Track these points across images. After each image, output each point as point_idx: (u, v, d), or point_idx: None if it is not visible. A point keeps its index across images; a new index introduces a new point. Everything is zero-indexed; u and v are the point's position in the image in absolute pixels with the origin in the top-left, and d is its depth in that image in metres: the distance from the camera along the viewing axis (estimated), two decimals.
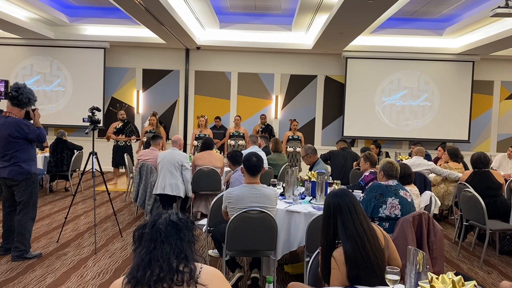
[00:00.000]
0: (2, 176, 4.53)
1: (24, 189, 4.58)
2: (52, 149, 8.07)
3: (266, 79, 11.32)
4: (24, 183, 4.57)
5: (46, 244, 5.23)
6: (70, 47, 10.83)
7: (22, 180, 4.55)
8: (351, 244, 2.36)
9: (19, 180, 4.53)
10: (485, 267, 4.94)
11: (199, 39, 10.46)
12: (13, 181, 4.54)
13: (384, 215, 3.82)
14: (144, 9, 7.52)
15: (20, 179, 4.53)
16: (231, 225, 3.66)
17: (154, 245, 1.74)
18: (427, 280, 1.72)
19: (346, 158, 7.38)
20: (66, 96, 10.94)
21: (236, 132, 9.77)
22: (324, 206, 2.61)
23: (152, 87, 11.40)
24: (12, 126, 4.45)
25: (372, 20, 7.80)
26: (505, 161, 8.54)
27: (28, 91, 4.56)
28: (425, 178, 6.48)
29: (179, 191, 6.09)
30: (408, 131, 11.11)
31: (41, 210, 6.93)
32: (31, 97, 4.59)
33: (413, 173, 4.79)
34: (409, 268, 1.91)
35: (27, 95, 4.54)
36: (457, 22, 9.60)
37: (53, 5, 9.32)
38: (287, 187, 4.58)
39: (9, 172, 4.49)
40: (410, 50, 10.59)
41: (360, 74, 11.05)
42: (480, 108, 11.29)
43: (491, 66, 11.17)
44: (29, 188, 4.60)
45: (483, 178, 5.50)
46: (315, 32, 9.64)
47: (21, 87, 4.49)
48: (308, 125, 11.36)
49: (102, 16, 9.97)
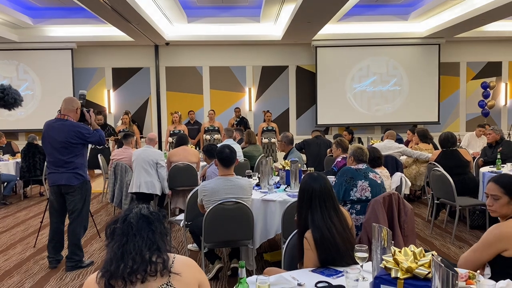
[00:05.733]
0: (59, 183, 4.31)
1: (80, 197, 4.38)
2: (23, 154, 7.91)
3: (238, 72, 11.34)
4: (80, 190, 4.37)
5: (23, 249, 5.16)
6: (36, 50, 10.62)
7: (78, 187, 4.35)
8: (318, 233, 2.43)
9: (76, 187, 4.33)
10: (456, 242, 5.12)
11: (167, 34, 10.39)
12: (69, 188, 4.32)
13: (355, 197, 3.92)
14: (109, 6, 7.43)
15: (77, 186, 4.34)
16: (207, 217, 3.70)
17: (126, 238, 1.77)
18: (391, 254, 1.81)
19: (320, 146, 7.49)
20: (35, 99, 10.74)
21: (211, 126, 9.77)
22: (299, 187, 2.68)
23: (122, 86, 11.29)
24: (71, 131, 4.24)
25: (338, 7, 7.90)
26: (474, 140, 8.82)
27: (13, 91, 4.28)
28: (396, 161, 6.64)
29: (155, 189, 6.08)
30: (380, 116, 11.32)
31: (16, 216, 6.82)
32: (17, 97, 4.30)
33: (383, 156, 4.91)
34: (375, 244, 1.99)
35: (12, 95, 4.29)
36: (421, 7, 9.80)
37: (15, 7, 9.11)
38: (262, 177, 4.63)
39: (66, 178, 4.28)
40: (378, 36, 10.76)
41: (330, 63, 11.18)
42: (448, 89, 11.58)
43: (457, 48, 11.46)
44: (83, 195, 4.41)
45: (451, 157, 5.68)
46: (284, 22, 9.70)
47: (6, 88, 4.18)
48: (283, 115, 11.45)
49: (67, 16, 9.79)
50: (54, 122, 4.36)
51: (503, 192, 2.44)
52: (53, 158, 4.33)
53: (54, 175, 4.35)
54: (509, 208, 2.43)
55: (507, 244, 2.29)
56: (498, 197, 2.45)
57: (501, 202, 2.44)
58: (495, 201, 2.46)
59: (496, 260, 2.33)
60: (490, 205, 2.49)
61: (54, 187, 4.38)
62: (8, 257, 4.90)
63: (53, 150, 4.30)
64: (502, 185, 2.46)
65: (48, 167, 4.43)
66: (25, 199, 8.12)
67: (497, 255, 2.32)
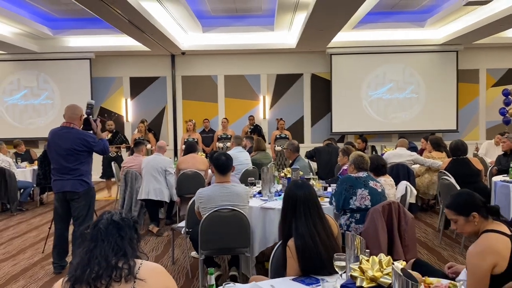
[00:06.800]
0: (65, 189, 4.37)
1: (84, 203, 4.43)
2: (40, 161, 8.09)
3: (253, 80, 11.38)
4: (84, 196, 4.43)
5: (31, 255, 5.28)
6: (56, 60, 10.90)
7: (83, 194, 4.42)
8: (301, 241, 2.41)
9: (80, 193, 4.40)
10: (465, 253, 4.95)
11: (183, 44, 10.52)
12: (74, 195, 4.38)
13: (355, 206, 3.86)
14: (124, 18, 7.59)
15: (82, 192, 4.40)
16: (203, 224, 3.70)
17: (95, 244, 1.80)
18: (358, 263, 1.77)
19: (331, 154, 7.41)
20: (54, 108, 11.00)
21: (224, 134, 9.82)
22: (284, 194, 2.67)
23: (140, 95, 11.47)
24: (77, 138, 4.32)
25: (349, 15, 7.85)
26: (492, 148, 8.58)
27: None
28: (408, 169, 6.52)
29: (163, 195, 6.15)
30: (397, 123, 11.16)
31: (30, 222, 6.99)
32: None
33: (391, 164, 4.83)
34: (348, 252, 1.96)
35: None
36: (437, 13, 9.65)
37: (36, 18, 9.39)
38: (263, 184, 4.62)
39: (72, 185, 4.35)
40: (393, 43, 10.65)
41: (345, 70, 11.11)
42: (467, 97, 11.33)
43: (476, 54, 11.21)
44: (88, 202, 4.47)
45: (461, 166, 5.54)
46: (297, 30, 9.70)
47: None
48: (297, 123, 11.41)
49: (85, 27, 10.03)
50: (60, 130, 4.44)
51: (454, 213, 2.42)
52: (58, 165, 4.39)
53: (59, 182, 4.42)
54: (472, 225, 2.37)
55: (493, 257, 2.21)
56: (455, 220, 2.43)
57: (460, 223, 2.41)
58: (456, 224, 2.45)
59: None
60: (455, 228, 2.48)
61: (59, 193, 4.45)
62: (16, 262, 5.02)
63: (58, 157, 4.37)
64: (451, 208, 2.45)
65: (53, 174, 4.47)
66: (41, 205, 8.31)
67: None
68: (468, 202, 2.41)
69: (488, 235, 2.31)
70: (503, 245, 2.24)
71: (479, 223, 2.36)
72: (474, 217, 2.36)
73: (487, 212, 2.39)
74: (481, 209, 2.37)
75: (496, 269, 2.22)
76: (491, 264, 2.22)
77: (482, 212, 2.37)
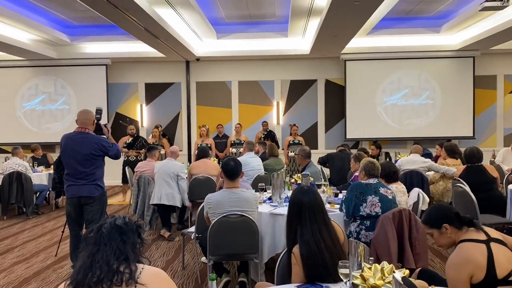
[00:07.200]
0: (81, 194, 4.39)
1: (98, 207, 4.47)
2: (56, 166, 8.19)
3: (267, 86, 11.39)
4: (99, 201, 4.47)
5: (44, 258, 5.34)
6: (73, 66, 11.08)
7: (98, 198, 4.45)
8: (306, 248, 2.39)
9: (96, 198, 4.43)
10: None
11: (197, 50, 10.60)
12: (90, 199, 4.41)
13: (365, 213, 3.82)
14: (140, 25, 7.68)
15: (97, 197, 4.44)
16: (212, 230, 3.71)
17: (97, 248, 1.81)
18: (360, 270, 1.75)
19: (344, 160, 7.36)
20: (71, 113, 11.17)
21: (237, 139, 9.84)
22: (289, 200, 2.65)
23: (155, 100, 11.58)
24: (94, 143, 4.37)
25: (363, 21, 7.82)
26: (509, 155, 8.40)
27: None
28: (422, 176, 6.44)
29: (175, 200, 6.18)
30: (412, 130, 11.04)
31: (45, 226, 7.08)
32: None
33: (398, 171, 4.77)
34: (351, 260, 1.93)
35: None
36: (453, 18, 9.54)
37: (54, 25, 9.57)
38: (273, 190, 4.61)
39: (88, 190, 4.38)
40: (409, 49, 10.55)
41: (359, 76, 11.04)
42: (484, 103, 11.15)
43: (493, 60, 11.05)
44: (101, 206, 4.52)
45: (476, 173, 5.45)
46: (311, 36, 9.69)
47: None
48: (311, 129, 11.37)
49: (102, 33, 10.18)
50: (75, 135, 4.46)
51: (428, 227, 2.50)
52: (73, 170, 4.40)
53: (74, 187, 4.42)
54: (445, 237, 2.42)
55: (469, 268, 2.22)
56: (430, 233, 2.50)
57: (435, 236, 2.46)
58: (432, 237, 2.51)
59: None
60: (434, 242, 2.56)
61: (74, 199, 4.45)
62: (30, 265, 5.09)
63: (74, 163, 4.38)
64: (424, 223, 2.54)
65: (66, 179, 4.46)
66: (56, 209, 8.42)
67: None
68: (439, 215, 2.48)
69: (462, 246, 2.33)
70: (478, 253, 2.25)
71: (453, 234, 2.41)
72: (446, 229, 2.42)
73: (460, 222, 2.43)
74: (453, 221, 2.42)
75: (474, 279, 2.24)
76: (468, 275, 2.24)
77: (454, 224, 2.42)
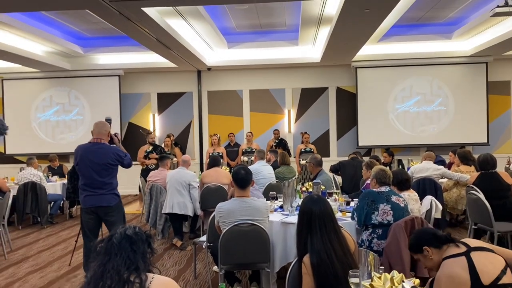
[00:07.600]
0: (100, 204, 4.41)
1: (119, 216, 4.51)
2: (69, 176, 8.29)
3: (278, 94, 11.42)
4: (117, 209, 4.51)
5: (58, 267, 5.40)
6: (86, 77, 11.24)
7: (116, 207, 4.49)
8: (316, 258, 2.38)
9: (114, 207, 4.46)
10: None
11: (208, 60, 10.68)
12: (108, 209, 4.44)
13: (377, 221, 3.80)
14: (151, 36, 7.79)
15: (115, 206, 4.48)
16: (223, 239, 3.72)
17: (108, 257, 1.83)
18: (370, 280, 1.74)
19: (356, 168, 7.33)
20: (84, 124, 11.32)
21: (248, 148, 9.86)
22: (299, 209, 2.65)
23: (167, 110, 11.67)
24: (110, 153, 4.41)
25: (373, 29, 7.82)
26: None
27: None
28: (435, 183, 6.38)
29: (187, 209, 6.20)
30: (425, 137, 10.94)
31: (59, 235, 7.16)
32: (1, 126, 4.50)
33: (410, 178, 4.74)
34: (361, 269, 1.92)
35: None
36: (465, 24, 9.48)
37: (68, 38, 9.74)
38: (284, 199, 4.60)
39: (107, 200, 4.42)
40: (420, 55, 10.50)
41: (371, 83, 11.01)
42: (498, 109, 11.03)
43: (506, 65, 10.94)
44: (121, 213, 4.56)
45: (490, 180, 5.38)
46: (321, 44, 9.70)
47: None
48: (323, 137, 11.35)
49: (114, 45, 10.33)
50: (91, 146, 4.48)
51: (413, 253, 2.55)
52: (90, 180, 4.40)
53: (91, 197, 4.42)
54: (429, 259, 2.42)
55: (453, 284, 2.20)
56: (417, 259, 2.54)
57: (422, 260, 2.49)
58: (420, 262, 2.57)
59: None
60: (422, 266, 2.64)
61: (91, 208, 4.44)
62: (44, 275, 5.14)
63: (92, 173, 4.38)
64: (409, 250, 2.61)
65: (83, 189, 4.45)
66: (70, 218, 8.51)
67: None
68: (418, 240, 2.50)
69: (443, 264, 2.32)
70: (458, 267, 2.24)
71: (435, 255, 2.40)
72: (427, 251, 2.41)
73: (438, 242, 2.42)
74: (431, 242, 2.42)
75: None
76: None
77: (433, 244, 2.42)
